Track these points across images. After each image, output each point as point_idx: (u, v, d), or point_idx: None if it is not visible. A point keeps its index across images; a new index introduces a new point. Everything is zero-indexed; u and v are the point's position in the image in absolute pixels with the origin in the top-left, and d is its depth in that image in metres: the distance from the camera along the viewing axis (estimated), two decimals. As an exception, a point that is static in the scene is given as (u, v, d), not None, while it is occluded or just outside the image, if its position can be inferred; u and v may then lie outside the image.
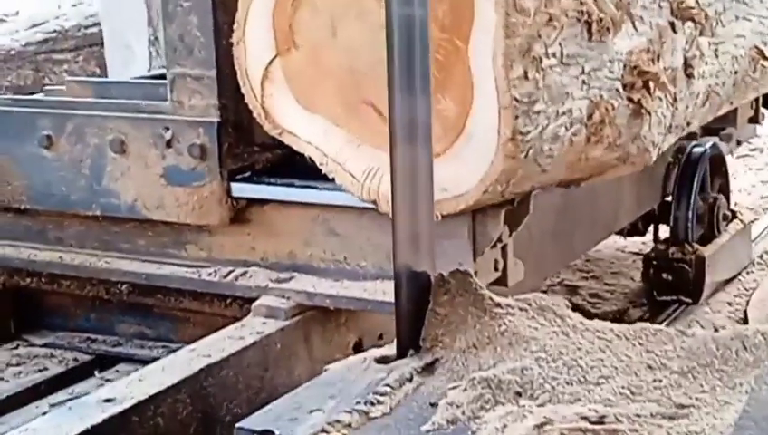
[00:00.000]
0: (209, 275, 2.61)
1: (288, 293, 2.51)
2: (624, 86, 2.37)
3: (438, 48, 2.01)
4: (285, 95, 2.19)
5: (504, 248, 2.48)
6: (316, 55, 2.13)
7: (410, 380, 1.89)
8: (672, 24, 2.60)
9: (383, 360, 1.97)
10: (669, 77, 2.57)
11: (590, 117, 2.24)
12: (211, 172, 2.51)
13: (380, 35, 1.90)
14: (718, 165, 4.32)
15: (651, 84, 2.43)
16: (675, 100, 2.61)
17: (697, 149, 4.00)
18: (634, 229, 4.34)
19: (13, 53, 6.31)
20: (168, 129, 2.54)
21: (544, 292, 4.10)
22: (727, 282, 4.30)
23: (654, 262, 4.00)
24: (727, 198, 4.42)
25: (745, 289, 4.41)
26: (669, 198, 4.05)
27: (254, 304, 2.52)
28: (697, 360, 1.92)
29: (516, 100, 1.99)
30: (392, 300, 2.17)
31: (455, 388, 1.81)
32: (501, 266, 2.50)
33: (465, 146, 2.03)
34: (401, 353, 1.99)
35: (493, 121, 1.99)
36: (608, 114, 2.29)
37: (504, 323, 2.01)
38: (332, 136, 2.14)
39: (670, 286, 4.00)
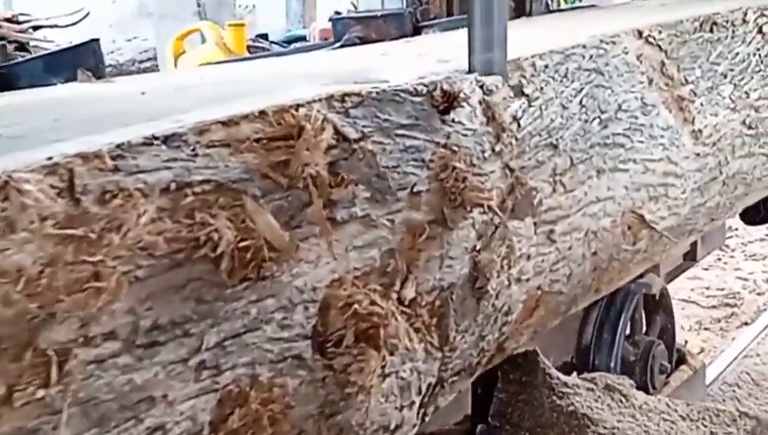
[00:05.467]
0: None
1: None
2: (318, 346, 1.37)
3: None
4: None
5: None
6: None
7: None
8: (443, 216, 1.60)
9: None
10: (434, 304, 1.57)
11: (219, 425, 1.24)
12: None
13: None
14: (656, 301, 3.41)
15: (381, 331, 1.43)
16: (446, 340, 1.61)
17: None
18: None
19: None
20: None
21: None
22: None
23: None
24: (669, 342, 3.51)
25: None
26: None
27: None
28: (759, 444, 1.86)
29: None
30: None
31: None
32: None
33: None
34: (471, 430, 2.08)
35: None
36: (271, 405, 1.29)
37: (572, 404, 2.02)
38: None
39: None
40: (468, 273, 1.65)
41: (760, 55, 2.99)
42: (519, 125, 1.83)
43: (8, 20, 9.71)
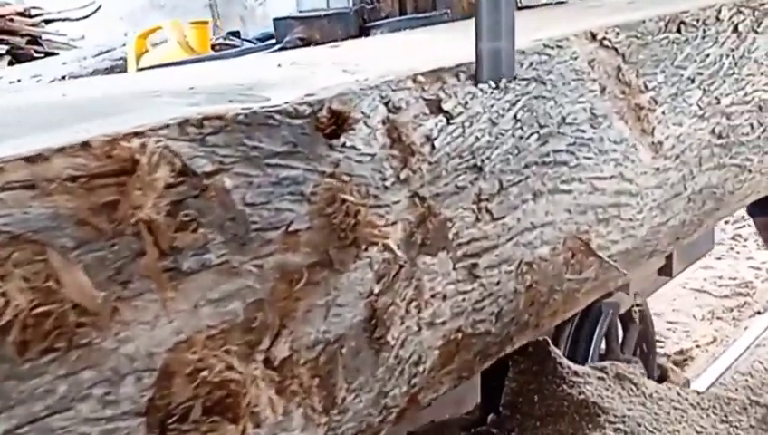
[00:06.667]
0: None
1: None
2: (158, 424, 1.14)
3: None
4: None
5: None
6: None
7: (489, 449, 1.87)
8: (328, 258, 1.36)
9: (465, 426, 2.05)
10: (317, 361, 1.34)
11: None
12: None
13: None
14: (630, 319, 3.22)
15: (240, 400, 1.20)
16: (333, 402, 1.38)
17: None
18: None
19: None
20: None
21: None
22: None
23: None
24: (648, 360, 3.32)
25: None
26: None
27: None
28: (771, 431, 1.91)
29: None
30: None
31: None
32: None
33: None
34: (482, 419, 2.08)
35: None
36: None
37: (583, 393, 2.00)
38: None
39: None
40: (363, 321, 1.42)
41: (734, 57, 2.75)
42: (433, 146, 1.60)
43: (20, 14, 9.62)
